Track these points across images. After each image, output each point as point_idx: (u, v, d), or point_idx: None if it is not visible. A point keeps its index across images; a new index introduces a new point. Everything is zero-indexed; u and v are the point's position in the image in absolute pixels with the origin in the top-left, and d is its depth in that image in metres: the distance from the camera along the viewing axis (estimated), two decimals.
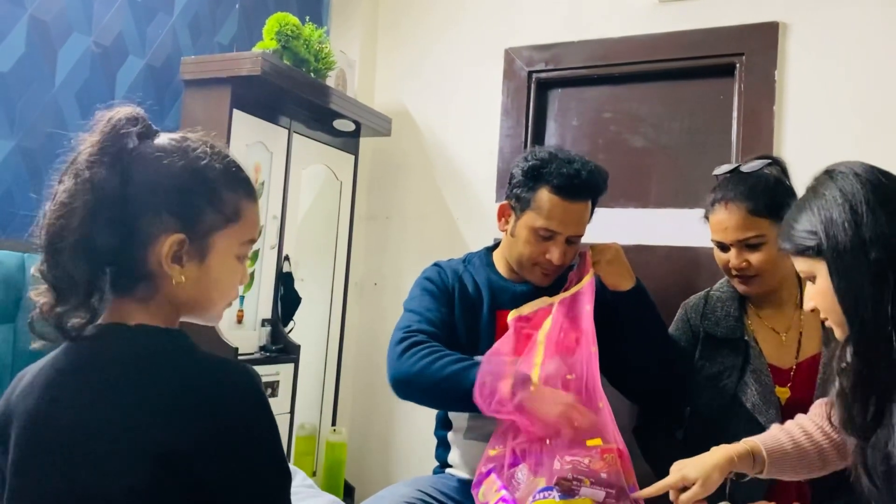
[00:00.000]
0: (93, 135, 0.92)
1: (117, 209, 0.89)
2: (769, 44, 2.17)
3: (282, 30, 2.15)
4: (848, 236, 1.07)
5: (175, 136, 0.96)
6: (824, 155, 2.05)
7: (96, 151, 0.90)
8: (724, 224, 1.51)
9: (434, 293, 1.61)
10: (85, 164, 0.89)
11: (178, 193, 0.92)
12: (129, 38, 2.05)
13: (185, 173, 0.92)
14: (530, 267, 1.59)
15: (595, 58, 2.43)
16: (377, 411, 2.68)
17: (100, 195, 0.88)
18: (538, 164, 1.56)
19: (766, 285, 1.54)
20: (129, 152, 0.91)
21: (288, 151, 2.30)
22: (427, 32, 2.74)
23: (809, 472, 1.33)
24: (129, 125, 0.92)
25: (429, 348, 1.44)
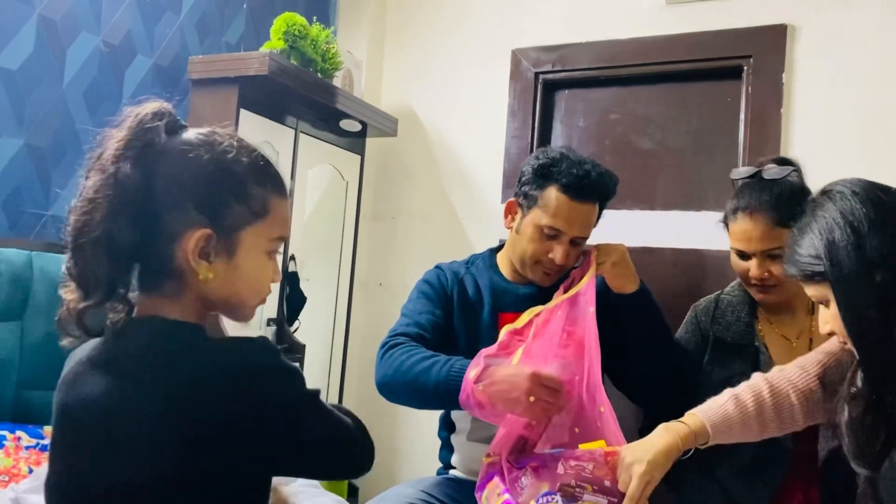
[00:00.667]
0: (120, 130, 0.90)
1: (142, 205, 0.88)
2: (777, 46, 2.16)
3: (289, 30, 2.16)
4: (851, 260, 1.04)
5: (203, 130, 0.94)
6: (831, 158, 2.06)
7: (122, 147, 0.88)
8: (747, 234, 1.47)
9: (430, 296, 1.61)
10: (110, 160, 0.87)
11: (205, 187, 0.90)
12: (137, 38, 2.06)
13: (211, 167, 0.90)
14: (532, 265, 1.59)
15: (602, 59, 2.42)
16: (382, 412, 2.67)
17: (124, 191, 0.87)
18: (548, 163, 1.56)
19: (786, 294, 1.52)
20: (156, 147, 0.90)
21: (294, 151, 2.31)
22: (434, 33, 2.74)
23: (761, 434, 1.27)
24: (156, 120, 0.90)
25: (404, 348, 1.44)
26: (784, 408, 1.26)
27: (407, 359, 1.41)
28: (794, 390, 1.26)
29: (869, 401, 1.06)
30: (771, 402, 1.26)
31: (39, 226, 1.83)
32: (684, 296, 1.88)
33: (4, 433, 1.51)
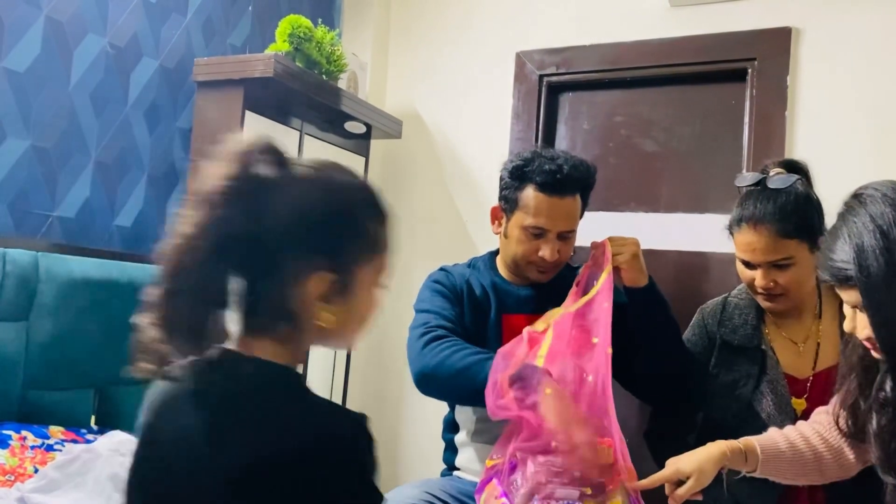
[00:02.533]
0: (221, 165, 0.84)
1: (249, 248, 0.83)
2: (781, 49, 2.16)
3: (294, 32, 2.16)
4: (880, 264, 1.02)
5: (311, 164, 0.89)
6: (836, 161, 2.06)
7: (226, 183, 0.82)
8: (752, 245, 1.46)
9: (445, 294, 1.61)
10: (213, 199, 0.81)
11: (322, 227, 0.85)
12: (143, 40, 2.07)
13: (326, 205, 0.85)
14: (526, 265, 1.60)
15: (606, 62, 2.43)
16: (386, 414, 2.68)
17: (227, 231, 0.81)
18: (522, 164, 1.58)
19: (793, 302, 1.51)
20: (264, 185, 0.84)
21: (299, 153, 2.31)
22: (438, 35, 2.74)
23: (806, 477, 1.30)
24: (263, 155, 0.85)
25: (449, 341, 1.44)
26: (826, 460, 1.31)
27: (455, 351, 1.40)
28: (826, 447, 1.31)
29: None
30: (820, 448, 1.30)
31: (46, 226, 1.84)
32: (689, 298, 1.88)
33: (10, 433, 1.52)
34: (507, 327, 1.60)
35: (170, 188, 2.18)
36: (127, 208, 2.05)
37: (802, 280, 1.47)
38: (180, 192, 2.19)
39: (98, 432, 1.67)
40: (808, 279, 1.48)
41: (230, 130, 2.07)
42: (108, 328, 1.85)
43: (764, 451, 1.27)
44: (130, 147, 2.05)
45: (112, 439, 1.41)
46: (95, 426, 1.79)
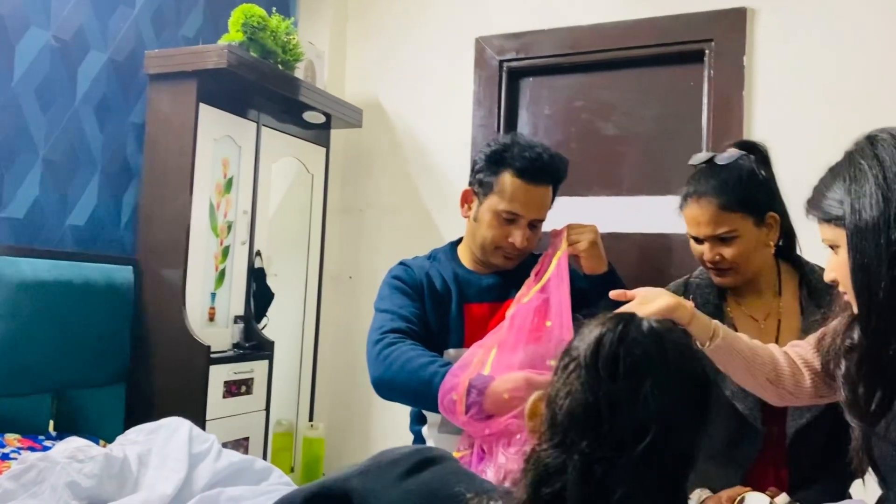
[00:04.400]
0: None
1: None
2: (737, 29, 2.18)
3: (248, 21, 2.12)
4: (875, 211, 0.99)
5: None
6: (794, 140, 2.08)
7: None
8: (696, 219, 1.49)
9: (404, 290, 1.61)
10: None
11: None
12: (89, 32, 2.00)
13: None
14: (493, 251, 1.60)
15: (565, 46, 2.42)
16: (355, 405, 2.66)
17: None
18: (501, 149, 1.59)
19: (741, 277, 1.53)
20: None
21: (257, 145, 2.27)
22: (397, 22, 2.71)
23: (756, 379, 1.29)
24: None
25: (402, 347, 1.45)
26: (783, 364, 1.28)
27: (407, 361, 1.43)
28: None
29: (866, 354, 1.04)
30: (781, 359, 1.28)
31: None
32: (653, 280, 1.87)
33: None
34: (469, 317, 1.60)
35: (124, 185, 2.12)
36: (79, 207, 1.99)
37: (749, 254, 1.49)
38: (135, 188, 2.13)
39: (57, 438, 1.63)
40: (755, 253, 1.50)
41: (185, 124, 2.03)
42: (63, 331, 1.80)
43: (725, 331, 1.25)
44: (81, 143, 1.98)
45: (69, 445, 1.37)
46: (54, 432, 1.74)
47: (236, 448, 1.98)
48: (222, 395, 2.04)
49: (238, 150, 2.21)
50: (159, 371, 1.99)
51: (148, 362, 2.00)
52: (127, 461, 1.39)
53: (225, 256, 2.17)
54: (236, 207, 2.21)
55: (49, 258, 1.80)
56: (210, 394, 1.98)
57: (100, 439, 1.66)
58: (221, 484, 1.44)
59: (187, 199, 2.01)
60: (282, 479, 1.61)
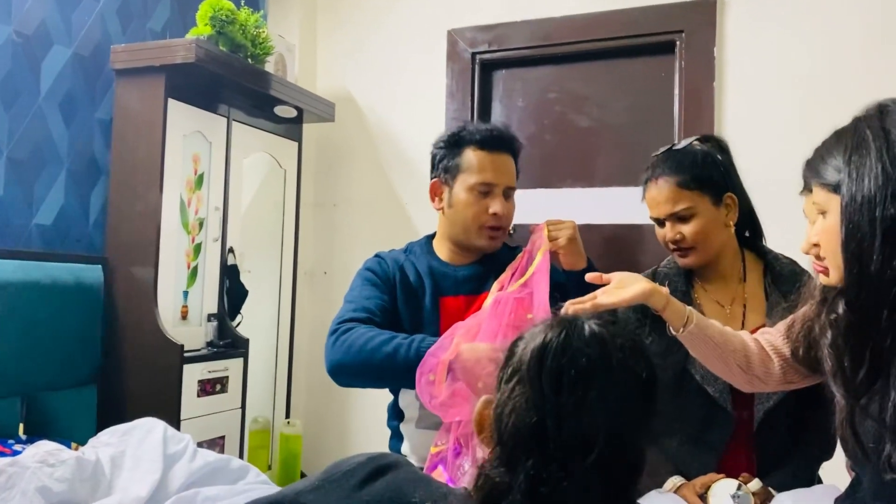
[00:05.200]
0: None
1: None
2: (708, 20, 2.19)
3: (216, 15, 2.08)
4: (874, 185, 0.97)
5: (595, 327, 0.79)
6: (764, 130, 2.11)
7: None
8: (655, 200, 1.55)
9: (374, 282, 1.62)
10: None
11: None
12: (53, 27, 1.95)
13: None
14: (477, 230, 1.61)
15: (538, 38, 2.42)
16: (332, 402, 2.65)
17: None
18: (457, 131, 1.64)
19: (705, 256, 1.56)
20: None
21: (228, 140, 2.24)
22: (368, 14, 2.69)
23: (727, 365, 1.30)
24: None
25: (357, 331, 1.47)
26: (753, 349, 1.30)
27: (367, 341, 1.44)
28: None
29: (852, 326, 1.04)
30: (751, 345, 1.31)
31: None
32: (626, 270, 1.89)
33: None
34: (444, 310, 1.60)
35: (92, 182, 2.08)
36: (46, 205, 1.95)
37: (708, 232, 1.53)
38: (103, 186, 2.09)
39: (27, 442, 1.60)
40: (714, 233, 1.54)
41: (153, 119, 1.99)
42: (32, 333, 1.76)
43: (698, 318, 1.28)
44: (46, 141, 1.94)
45: (40, 449, 1.34)
46: (24, 436, 1.71)
47: (212, 447, 1.96)
48: (196, 394, 2.02)
49: (208, 145, 2.18)
50: (132, 371, 1.97)
51: (120, 363, 1.97)
52: (100, 464, 1.37)
53: (197, 254, 2.14)
54: (208, 204, 2.18)
55: (15, 258, 1.76)
56: (184, 393, 1.95)
57: (72, 442, 1.63)
58: (197, 484, 1.42)
59: (157, 197, 1.98)
60: (259, 477, 1.60)
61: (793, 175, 2.01)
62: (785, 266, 1.60)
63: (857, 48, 2.05)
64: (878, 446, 1.00)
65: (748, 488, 1.38)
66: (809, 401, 1.41)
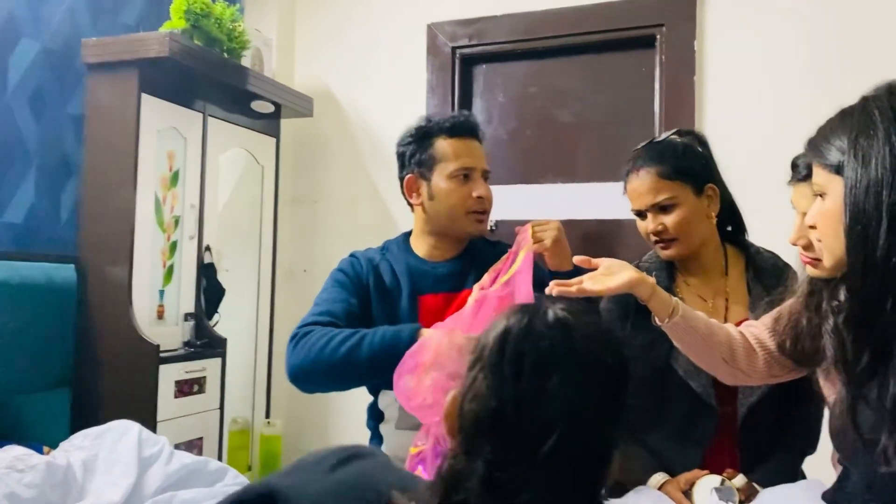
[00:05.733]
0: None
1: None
2: (687, 15, 2.19)
3: (191, 8, 2.05)
4: (880, 169, 0.94)
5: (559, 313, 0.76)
6: (744, 124, 2.11)
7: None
8: (637, 191, 1.54)
9: (344, 284, 1.60)
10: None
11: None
12: (21, 20, 1.91)
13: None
14: (464, 216, 1.60)
15: (518, 32, 2.40)
16: (313, 401, 2.62)
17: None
18: (423, 124, 1.64)
19: (687, 247, 1.56)
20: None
21: (203, 136, 2.20)
22: (346, 8, 2.65)
23: (712, 358, 1.30)
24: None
25: (318, 333, 1.46)
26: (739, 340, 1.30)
27: (328, 341, 1.43)
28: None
29: (853, 314, 1.01)
30: (737, 337, 1.30)
31: None
32: None
33: None
34: (423, 309, 1.58)
35: (63, 179, 2.03)
36: (15, 203, 1.90)
37: (690, 223, 1.52)
38: (75, 184, 2.05)
39: None
40: (696, 224, 1.53)
41: (127, 115, 1.95)
42: (1, 334, 1.72)
43: (684, 309, 1.27)
44: (14, 137, 1.89)
45: (8, 454, 1.31)
46: None
47: (190, 449, 1.93)
48: (174, 395, 1.98)
49: (184, 141, 2.14)
50: (106, 373, 1.93)
51: (94, 364, 1.93)
52: (71, 468, 1.34)
53: (173, 252, 2.10)
54: (183, 201, 2.14)
55: None
56: (161, 394, 1.92)
57: (44, 446, 1.59)
58: (174, 487, 1.40)
59: (131, 194, 1.94)
60: (237, 479, 1.57)
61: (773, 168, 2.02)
62: (767, 260, 1.60)
63: (835, 42, 2.06)
64: (875, 437, 0.98)
65: (733, 484, 1.38)
66: (793, 396, 1.41)
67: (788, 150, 1.37)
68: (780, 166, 1.51)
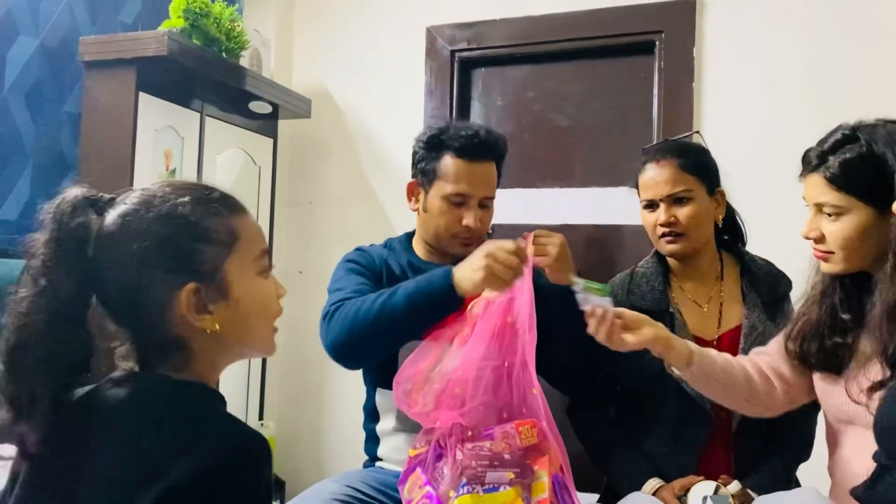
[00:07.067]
0: (43, 232, 0.84)
1: (103, 300, 0.85)
2: (686, 21, 2.19)
3: (190, 7, 2.04)
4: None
5: (133, 194, 0.88)
6: (742, 130, 2.11)
7: (50, 253, 0.82)
8: (655, 179, 1.54)
9: (360, 271, 1.56)
10: (41, 270, 0.82)
11: (164, 247, 0.84)
12: (18, 16, 1.90)
13: (157, 225, 0.85)
14: (449, 239, 1.57)
15: (517, 36, 2.40)
16: (306, 403, 2.62)
17: (62, 300, 0.82)
18: (437, 133, 1.57)
19: (692, 244, 1.56)
20: (91, 238, 0.84)
21: (201, 136, 2.19)
22: (345, 9, 2.65)
23: (731, 399, 1.33)
24: (80, 211, 0.85)
25: (348, 304, 1.41)
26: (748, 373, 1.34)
27: (361, 304, 1.39)
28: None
29: (887, 304, 1.08)
30: (753, 374, 1.34)
31: None
32: (605, 271, 1.88)
33: None
34: None
35: (59, 177, 2.02)
36: (10, 201, 1.89)
37: (700, 220, 1.54)
38: (71, 182, 2.04)
39: None
40: (705, 223, 1.55)
41: (123, 114, 1.94)
42: None
43: (699, 356, 1.29)
44: (11, 134, 1.88)
45: None
46: None
47: None
48: None
49: (181, 140, 2.14)
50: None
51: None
52: None
53: None
54: None
55: None
56: None
57: None
58: None
59: None
60: None
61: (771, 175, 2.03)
62: (761, 267, 1.61)
63: (833, 49, 2.06)
64: None
65: (727, 490, 1.38)
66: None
67: (786, 157, 1.37)
68: (778, 173, 1.51)
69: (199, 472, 0.76)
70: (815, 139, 1.25)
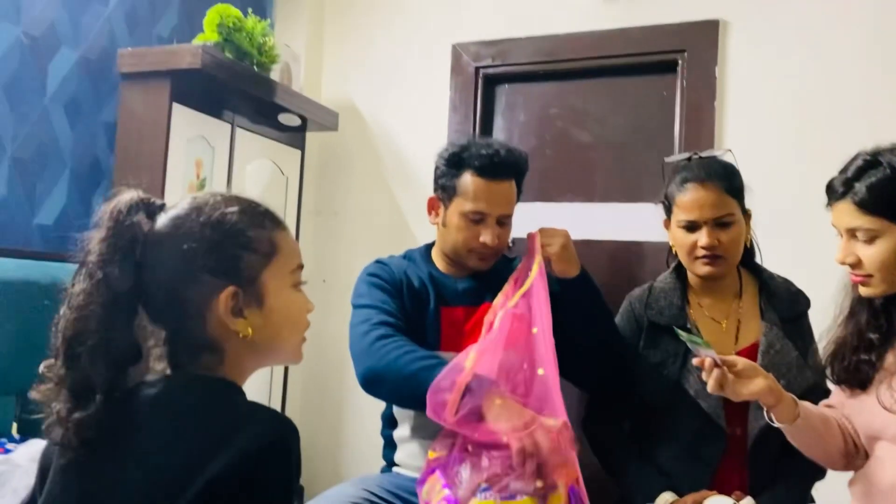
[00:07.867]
0: (99, 230, 0.90)
1: (148, 300, 0.90)
2: (710, 41, 2.21)
3: (223, 22, 2.10)
4: None
5: (184, 202, 0.94)
6: (764, 150, 2.12)
7: (106, 250, 0.88)
8: (700, 202, 1.51)
9: (384, 287, 1.59)
10: (97, 265, 0.88)
11: (210, 252, 0.90)
12: (61, 29, 1.97)
13: (207, 230, 0.90)
14: (466, 254, 1.59)
15: (541, 54, 2.44)
16: (327, 409, 2.65)
17: (116, 293, 0.87)
18: (458, 150, 1.59)
19: (729, 266, 1.57)
20: (141, 239, 0.90)
21: (231, 146, 2.25)
22: (374, 26, 2.71)
23: (824, 450, 1.34)
24: (134, 212, 0.91)
25: (396, 341, 1.43)
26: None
27: (405, 353, 1.39)
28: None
29: None
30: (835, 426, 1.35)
31: None
32: (624, 286, 1.90)
33: None
34: (445, 320, 1.59)
35: (94, 184, 2.09)
36: (48, 206, 1.96)
37: (739, 243, 1.54)
38: (106, 188, 2.10)
39: (20, 441, 1.59)
40: (741, 245, 1.55)
41: (157, 123, 2.01)
42: (29, 331, 1.76)
43: (805, 410, 1.30)
44: (50, 142, 1.95)
45: (31, 448, 1.34)
46: (18, 435, 1.70)
47: None
48: None
49: (212, 151, 2.19)
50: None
51: None
52: None
53: None
54: None
55: (15, 257, 1.77)
56: None
57: None
58: None
59: None
60: None
61: (793, 194, 2.03)
62: (780, 285, 1.61)
63: (854, 71, 2.07)
64: None
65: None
66: None
67: (808, 176, 1.38)
68: (801, 191, 1.52)
69: (239, 461, 0.80)
70: (836, 159, 1.27)
